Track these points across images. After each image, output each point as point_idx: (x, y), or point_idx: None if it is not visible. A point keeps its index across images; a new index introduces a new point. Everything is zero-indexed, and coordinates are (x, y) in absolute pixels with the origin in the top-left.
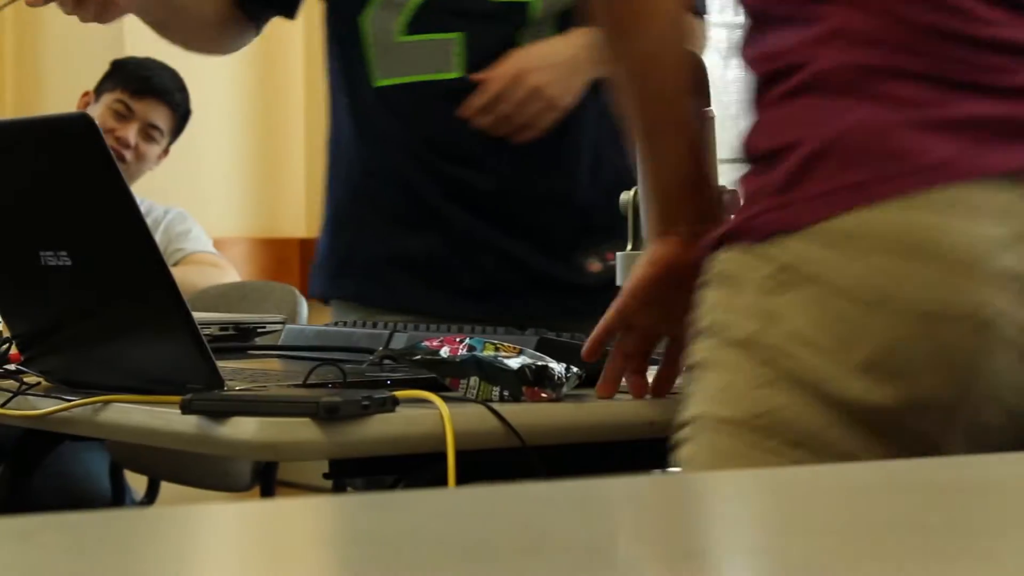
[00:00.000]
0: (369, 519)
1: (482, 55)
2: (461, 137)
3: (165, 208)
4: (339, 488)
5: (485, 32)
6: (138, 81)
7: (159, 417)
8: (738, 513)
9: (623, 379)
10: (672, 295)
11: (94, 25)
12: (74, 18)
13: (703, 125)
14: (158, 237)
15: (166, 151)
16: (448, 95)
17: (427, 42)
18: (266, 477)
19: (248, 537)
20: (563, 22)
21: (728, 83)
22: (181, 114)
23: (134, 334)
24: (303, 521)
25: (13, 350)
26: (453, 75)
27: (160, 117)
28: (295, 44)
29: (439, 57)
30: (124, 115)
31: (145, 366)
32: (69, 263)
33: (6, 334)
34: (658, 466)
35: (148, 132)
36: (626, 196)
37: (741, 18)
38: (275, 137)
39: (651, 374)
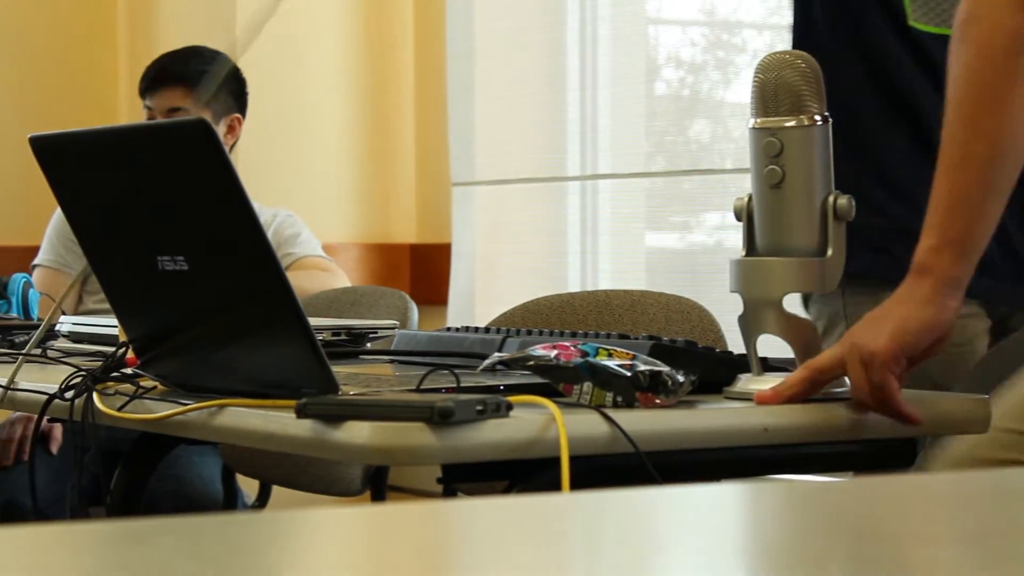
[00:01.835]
0: (480, 524)
1: None
2: None
3: (273, 211)
4: (449, 493)
5: None
6: (143, 83)
7: (274, 421)
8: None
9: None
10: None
11: (207, 28)
12: (188, 22)
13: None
14: None
15: (231, 126)
16: None
17: None
18: (377, 482)
19: (361, 541)
20: None
21: None
22: (203, 82)
23: (249, 338)
24: (415, 526)
25: (130, 354)
26: None
27: (176, 98)
28: (405, 50)
29: None
30: (151, 118)
31: (260, 370)
32: (186, 268)
33: (123, 338)
34: (769, 472)
35: (170, 118)
36: (739, 202)
37: None
38: (386, 142)
39: (760, 381)
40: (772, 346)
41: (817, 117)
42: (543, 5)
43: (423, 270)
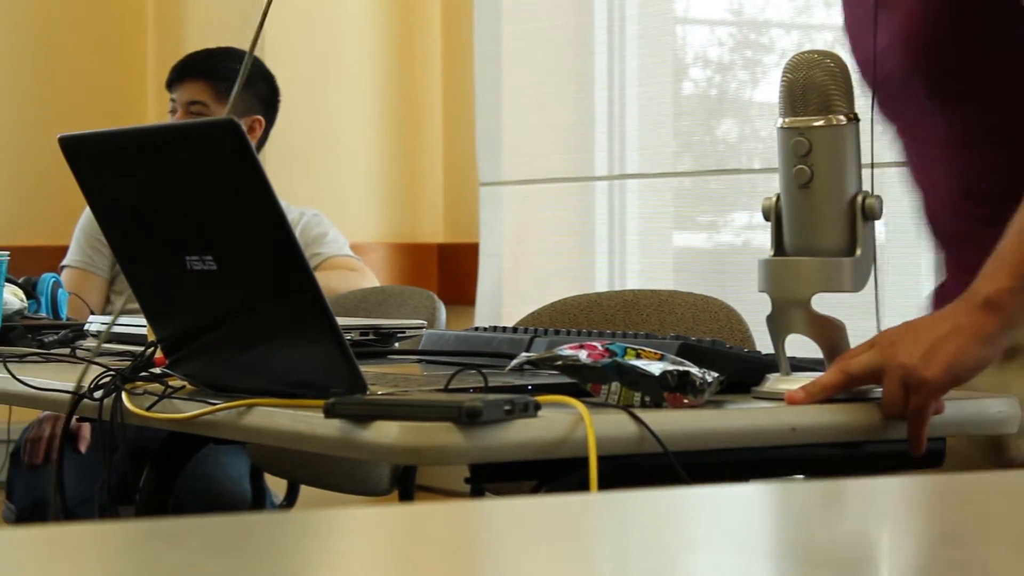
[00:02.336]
0: (508, 524)
1: None
2: None
3: (300, 210)
4: (477, 493)
5: None
6: (169, 76)
7: (302, 421)
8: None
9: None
10: None
11: (235, 29)
12: (216, 23)
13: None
14: None
15: (251, 127)
16: None
17: None
18: (405, 481)
19: (389, 541)
20: None
21: (865, 88)
22: (229, 78)
23: (278, 338)
24: (443, 526)
25: (159, 354)
26: None
27: (197, 92)
28: (433, 51)
29: None
30: (173, 111)
31: (288, 370)
32: (214, 267)
33: (152, 338)
34: (797, 472)
35: (191, 111)
36: (767, 202)
37: None
38: (413, 142)
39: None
40: (800, 346)
41: (845, 117)
42: (571, 5)
43: (451, 270)
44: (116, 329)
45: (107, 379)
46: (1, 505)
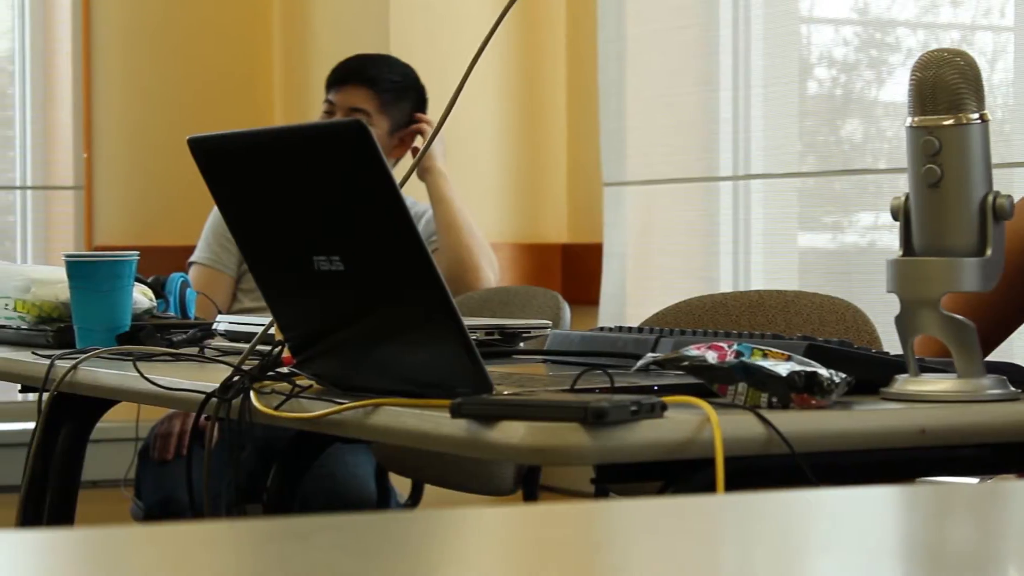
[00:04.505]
0: (634, 524)
1: None
2: None
3: (425, 205)
4: (602, 494)
5: None
6: (333, 75)
7: (429, 420)
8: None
9: None
10: None
11: (361, 29)
12: (342, 24)
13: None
14: None
15: (402, 139)
16: None
17: None
18: (529, 481)
19: (515, 541)
20: None
21: (994, 87)
22: (391, 90)
23: (404, 338)
24: (568, 526)
25: (286, 353)
26: None
27: (359, 99)
28: (557, 51)
29: None
30: (329, 112)
31: (415, 370)
32: (342, 268)
33: (279, 337)
34: (926, 474)
35: (350, 116)
36: (896, 201)
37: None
38: (537, 143)
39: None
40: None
41: (975, 115)
42: (695, 5)
43: (575, 270)
44: (242, 328)
45: (236, 379)
46: (129, 502)
